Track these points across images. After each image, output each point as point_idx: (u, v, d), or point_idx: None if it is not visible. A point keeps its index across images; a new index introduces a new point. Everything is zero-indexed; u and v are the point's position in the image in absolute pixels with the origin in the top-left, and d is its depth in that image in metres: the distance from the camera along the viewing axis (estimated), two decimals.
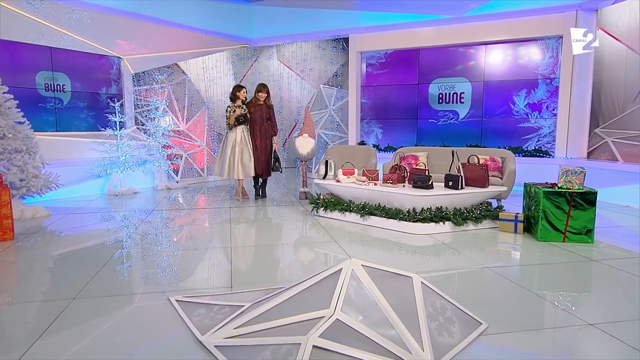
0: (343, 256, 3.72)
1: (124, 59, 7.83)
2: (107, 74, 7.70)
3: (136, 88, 8.34)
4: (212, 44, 8.99)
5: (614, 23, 6.66)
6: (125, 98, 7.83)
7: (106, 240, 4.30)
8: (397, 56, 8.57)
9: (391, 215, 4.64)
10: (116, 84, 7.86)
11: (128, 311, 2.64)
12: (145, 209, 5.81)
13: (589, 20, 6.83)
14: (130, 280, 3.24)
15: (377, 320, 2.03)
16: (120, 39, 7.56)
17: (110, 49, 7.51)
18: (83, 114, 7.39)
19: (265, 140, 6.45)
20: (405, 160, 5.95)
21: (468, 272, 3.39)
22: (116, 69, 7.82)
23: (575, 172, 4.08)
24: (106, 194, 7.01)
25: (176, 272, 3.36)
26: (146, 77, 8.44)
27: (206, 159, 8.86)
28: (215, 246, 4.11)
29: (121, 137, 7.29)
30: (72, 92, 7.19)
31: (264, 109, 6.42)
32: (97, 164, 6.96)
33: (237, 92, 6.30)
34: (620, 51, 6.58)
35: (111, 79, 7.77)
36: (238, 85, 6.41)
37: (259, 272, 3.39)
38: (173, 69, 9.32)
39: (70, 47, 6.94)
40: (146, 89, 8.39)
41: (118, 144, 7.21)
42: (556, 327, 2.45)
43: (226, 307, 2.52)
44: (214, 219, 5.33)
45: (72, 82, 7.17)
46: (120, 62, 7.82)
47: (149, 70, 8.39)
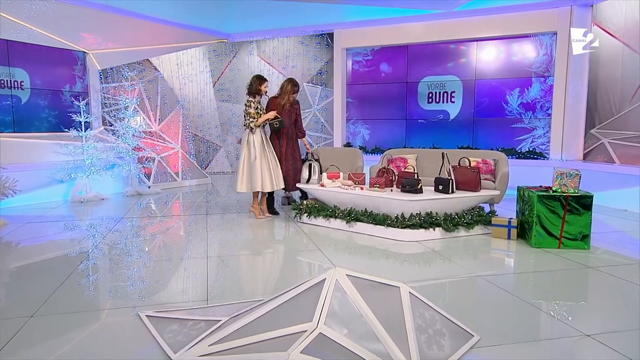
0: (328, 265, 3.73)
1: (89, 54, 7.73)
2: (71, 70, 7.59)
3: (103, 85, 8.23)
4: (187, 39, 8.94)
5: (610, 19, 6.85)
6: (91, 96, 7.72)
7: (69, 251, 4.22)
8: (384, 53, 8.65)
9: (378, 222, 4.67)
10: (81, 80, 7.74)
11: (93, 329, 2.59)
12: (114, 217, 5.73)
13: (584, 16, 7.01)
14: (97, 294, 3.18)
15: (362, 334, 2.03)
16: (86, 32, 7.45)
17: (75, 43, 7.40)
18: (44, 114, 7.26)
19: (292, 145, 5.82)
20: (393, 163, 6.00)
21: (459, 280, 3.42)
22: (81, 64, 7.71)
23: (570, 175, 4.17)
24: (70, 200, 6.89)
25: (147, 285, 3.32)
26: (114, 74, 8.35)
27: (181, 162, 8.78)
28: (191, 256, 4.07)
29: (87, 138, 7.17)
30: (32, 89, 7.06)
31: (290, 108, 5.78)
32: (59, 168, 6.83)
33: (260, 85, 5.47)
34: (616, 48, 6.77)
35: (75, 75, 7.66)
36: (262, 77, 5.57)
37: (237, 283, 3.37)
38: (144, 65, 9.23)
39: (29, 41, 6.82)
40: (114, 87, 8.29)
41: (83, 146, 7.09)
42: (551, 338, 2.49)
43: (201, 322, 2.50)
44: (189, 227, 5.28)
45: (32, 79, 7.04)
46: (85, 57, 7.72)
47: (118, 67, 8.29)
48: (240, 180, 5.43)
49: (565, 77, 7.16)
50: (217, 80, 10.64)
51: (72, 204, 6.72)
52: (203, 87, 10.37)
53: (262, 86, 5.48)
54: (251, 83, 5.51)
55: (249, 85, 5.53)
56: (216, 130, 10.66)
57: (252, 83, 5.50)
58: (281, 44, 10.19)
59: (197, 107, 10.38)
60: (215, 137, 10.70)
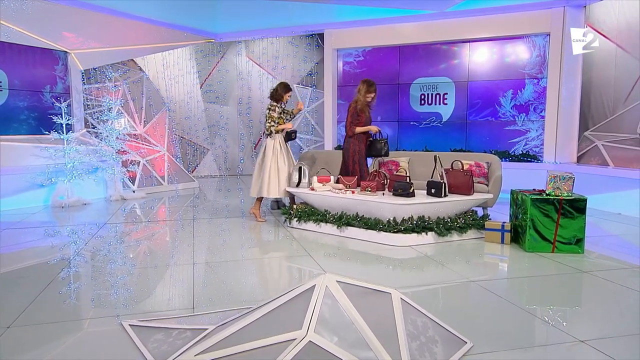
0: (318, 271, 3.73)
1: (71, 54, 7.66)
2: (52, 70, 7.51)
3: (86, 86, 8.16)
4: (173, 39, 8.90)
5: (603, 20, 6.96)
6: (73, 97, 7.65)
7: (50, 258, 4.17)
8: (376, 54, 8.69)
9: (370, 226, 4.68)
10: (62, 81, 7.68)
11: (74, 340, 2.56)
12: (97, 222, 5.67)
13: (577, 17, 7.12)
14: (78, 303, 3.15)
15: (353, 341, 2.03)
16: (67, 31, 7.39)
17: (56, 42, 7.34)
18: (23, 115, 7.17)
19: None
20: (385, 166, 6.02)
21: (452, 286, 3.44)
22: (62, 64, 7.64)
23: (563, 178, 4.22)
24: (51, 205, 6.81)
25: (132, 293, 3.29)
26: (97, 74, 8.29)
27: (167, 166, 8.73)
28: (177, 263, 4.05)
29: (68, 141, 7.10)
30: (10, 90, 6.97)
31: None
32: (40, 172, 6.75)
33: (285, 92, 5.62)
34: (609, 50, 6.88)
35: (56, 75, 7.59)
36: (288, 85, 5.73)
37: (224, 291, 3.35)
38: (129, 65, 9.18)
39: (7, 40, 6.74)
40: (97, 88, 8.22)
41: (65, 149, 7.02)
42: (546, 344, 2.51)
43: (187, 332, 2.48)
44: (175, 233, 5.24)
45: (10, 79, 6.96)
46: (67, 57, 7.65)
47: (101, 67, 8.23)
48: (252, 184, 5.69)
49: (559, 78, 7.25)
50: (204, 82, 10.62)
51: (52, 209, 6.64)
52: (190, 89, 10.34)
53: (286, 94, 5.64)
54: (276, 89, 5.65)
55: (273, 90, 5.67)
56: (204, 132, 10.63)
57: (278, 89, 5.64)
58: (270, 45, 10.21)
59: (183, 109, 10.34)
60: (203, 140, 10.67)
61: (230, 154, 10.95)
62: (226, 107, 10.85)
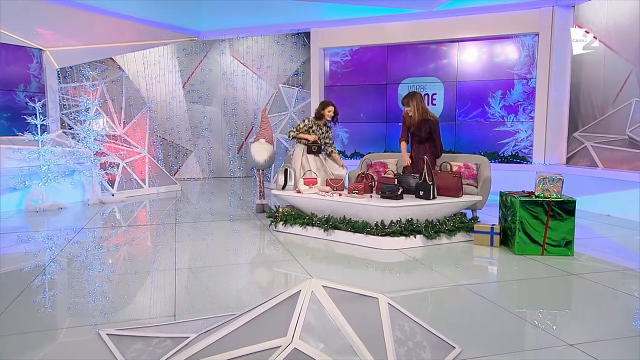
0: (304, 276, 3.72)
1: (46, 52, 7.56)
2: (26, 68, 7.39)
3: (62, 86, 8.06)
4: (154, 36, 8.84)
5: (592, 20, 7.09)
6: (48, 97, 7.55)
7: (23, 265, 4.10)
8: (363, 53, 8.73)
9: (358, 229, 4.70)
10: (37, 80, 7.56)
11: (49, 350, 2.52)
12: (74, 227, 5.60)
13: (566, 17, 7.24)
14: (54, 312, 3.10)
15: (339, 348, 2.03)
16: (42, 28, 7.29)
17: (30, 40, 7.23)
18: None
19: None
20: (372, 168, 6.05)
21: (441, 290, 3.47)
22: (37, 62, 7.53)
23: (552, 180, 4.28)
24: (24, 210, 6.70)
25: (110, 300, 3.25)
26: (74, 73, 8.18)
27: (147, 168, 8.65)
28: (158, 269, 4.01)
29: (43, 142, 7.00)
30: None
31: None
32: (12, 175, 6.63)
33: (322, 109, 5.82)
34: (598, 50, 7.00)
35: (30, 74, 7.47)
36: (325, 101, 6.00)
37: (207, 297, 3.33)
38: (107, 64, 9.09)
39: None
40: (74, 87, 8.12)
41: (39, 151, 6.91)
42: (535, 348, 2.54)
43: (168, 340, 2.46)
44: (156, 237, 5.20)
45: None
46: (41, 54, 7.54)
47: (78, 65, 8.13)
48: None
49: (548, 79, 7.36)
50: (187, 81, 10.55)
51: (26, 213, 6.53)
52: (172, 88, 10.27)
53: (324, 110, 5.81)
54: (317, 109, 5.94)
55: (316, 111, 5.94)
56: (186, 133, 10.56)
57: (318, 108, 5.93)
58: (255, 43, 10.19)
59: (165, 109, 10.26)
60: (186, 141, 10.59)
61: (214, 156, 10.89)
62: (210, 107, 10.79)
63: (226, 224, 5.84)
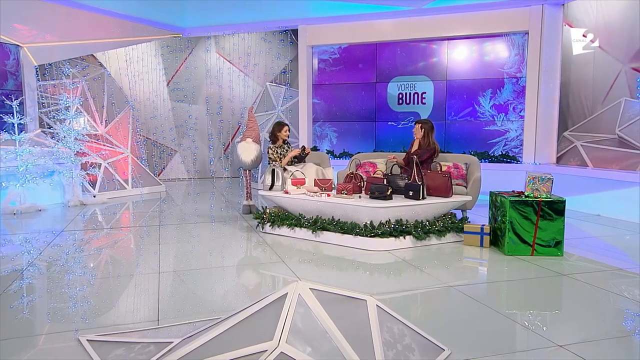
0: (292, 278, 3.72)
1: (23, 48, 7.46)
2: (2, 65, 7.28)
3: (40, 83, 7.96)
4: (136, 33, 8.76)
5: (581, 19, 7.19)
6: (26, 95, 7.45)
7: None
8: (352, 51, 8.75)
9: (346, 230, 4.70)
10: (14, 77, 7.46)
11: (27, 358, 2.48)
12: (53, 230, 5.53)
13: (556, 16, 7.34)
14: (32, 318, 3.06)
15: (327, 351, 2.03)
16: (19, 23, 7.18)
17: (6, 35, 7.12)
18: None
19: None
20: (362, 167, 6.06)
21: (430, 291, 3.49)
22: (14, 59, 7.43)
23: (542, 180, 4.33)
24: (1, 212, 6.60)
25: (92, 305, 3.21)
26: (53, 70, 8.09)
27: (131, 169, 8.57)
28: (141, 272, 3.98)
29: (21, 142, 6.90)
30: None
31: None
32: None
33: (278, 131, 6.06)
34: (588, 49, 7.10)
35: (7, 71, 7.36)
36: (280, 122, 6.26)
37: (192, 301, 3.31)
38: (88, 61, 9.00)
39: None
40: (54, 85, 8.02)
41: (17, 151, 6.82)
42: (525, 350, 2.57)
43: (151, 345, 2.44)
44: (140, 240, 5.16)
45: None
46: (19, 51, 7.44)
47: (57, 62, 8.04)
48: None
49: (538, 78, 7.45)
50: (171, 79, 10.49)
51: (3, 216, 6.44)
52: (156, 86, 10.20)
53: (280, 132, 6.04)
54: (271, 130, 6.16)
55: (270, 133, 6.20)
56: (171, 133, 10.49)
57: (272, 129, 6.14)
58: (242, 40, 10.16)
59: (149, 108, 10.19)
60: (170, 141, 10.53)
61: (199, 156, 10.83)
62: (195, 106, 10.74)
63: (212, 225, 5.82)
